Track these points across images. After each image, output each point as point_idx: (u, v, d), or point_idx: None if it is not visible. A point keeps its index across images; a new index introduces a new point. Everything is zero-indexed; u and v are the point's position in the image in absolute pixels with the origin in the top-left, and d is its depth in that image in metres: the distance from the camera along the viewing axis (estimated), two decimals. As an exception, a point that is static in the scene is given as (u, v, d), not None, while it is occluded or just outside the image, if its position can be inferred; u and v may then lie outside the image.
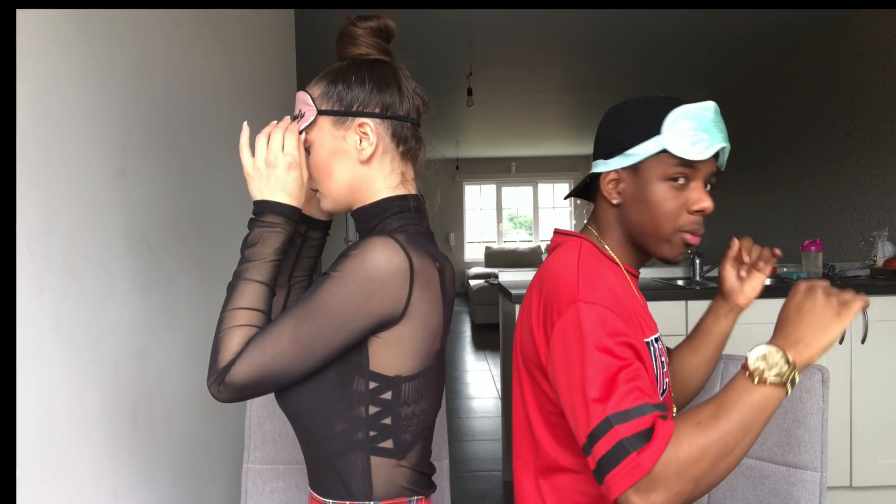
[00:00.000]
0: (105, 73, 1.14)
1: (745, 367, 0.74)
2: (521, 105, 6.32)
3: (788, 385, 0.71)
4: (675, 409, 1.05)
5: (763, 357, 0.73)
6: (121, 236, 1.18)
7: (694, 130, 0.86)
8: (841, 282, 2.43)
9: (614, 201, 0.94)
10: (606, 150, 0.94)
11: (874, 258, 2.74)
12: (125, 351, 1.19)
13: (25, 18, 0.93)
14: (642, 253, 0.97)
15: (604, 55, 4.60)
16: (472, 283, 7.79)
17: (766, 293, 2.27)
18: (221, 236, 1.63)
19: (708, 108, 0.88)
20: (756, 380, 0.72)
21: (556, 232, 1.02)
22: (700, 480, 0.69)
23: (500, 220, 10.57)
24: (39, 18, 0.97)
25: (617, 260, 0.96)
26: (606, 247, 0.96)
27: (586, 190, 1.03)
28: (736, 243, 1.05)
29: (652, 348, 0.91)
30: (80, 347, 1.05)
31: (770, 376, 0.71)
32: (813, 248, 2.61)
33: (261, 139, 0.84)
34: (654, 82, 5.32)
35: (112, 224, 1.15)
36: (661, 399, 0.86)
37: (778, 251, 1.03)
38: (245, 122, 0.86)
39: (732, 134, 0.96)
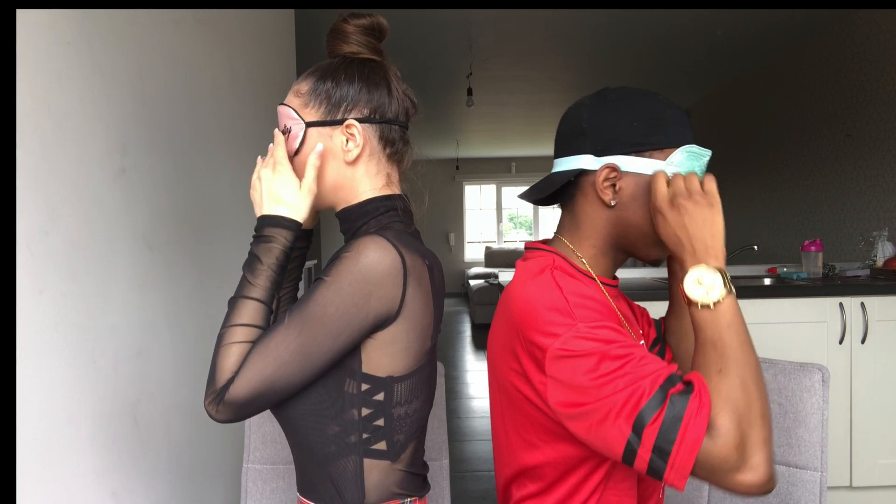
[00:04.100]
0: (105, 73, 1.14)
1: (692, 303, 0.75)
2: (521, 105, 6.31)
3: (731, 286, 0.74)
4: None
5: (697, 282, 0.75)
6: (121, 236, 1.18)
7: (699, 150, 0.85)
8: (840, 282, 2.43)
9: (611, 203, 0.85)
10: (602, 145, 0.85)
11: (874, 258, 2.74)
12: (125, 351, 1.18)
13: (25, 18, 0.93)
14: (620, 258, 0.93)
15: (604, 55, 4.60)
16: (472, 283, 7.78)
17: (767, 293, 2.29)
18: (221, 236, 1.63)
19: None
20: (712, 304, 0.74)
21: (528, 247, 0.95)
22: (747, 406, 0.70)
23: (500, 220, 10.57)
24: (39, 18, 0.97)
25: (592, 274, 0.89)
26: (584, 260, 0.90)
27: (554, 194, 0.92)
28: None
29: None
30: (80, 347, 1.05)
31: (718, 295, 0.74)
32: (813, 248, 2.61)
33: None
34: (653, 82, 5.31)
35: (112, 224, 1.15)
36: None
37: None
38: (259, 157, 0.87)
39: (732, 134, 0.95)
